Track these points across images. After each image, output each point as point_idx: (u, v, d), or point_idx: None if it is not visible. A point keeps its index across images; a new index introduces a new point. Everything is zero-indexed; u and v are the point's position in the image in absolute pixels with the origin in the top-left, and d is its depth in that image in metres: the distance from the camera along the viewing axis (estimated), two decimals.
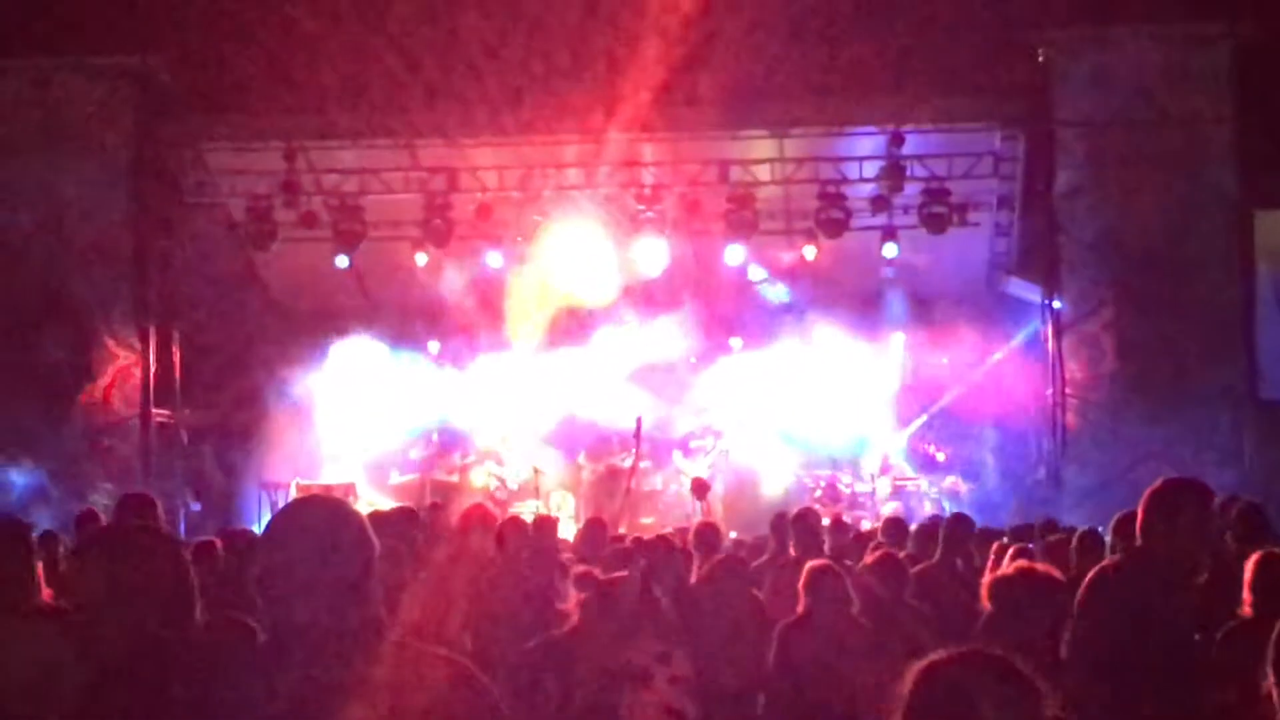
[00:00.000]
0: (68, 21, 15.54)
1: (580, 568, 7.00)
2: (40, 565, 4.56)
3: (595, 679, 5.67)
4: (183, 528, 15.86)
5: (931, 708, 2.41)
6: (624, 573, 6.38)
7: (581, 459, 18.18)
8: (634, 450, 16.82)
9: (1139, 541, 4.91)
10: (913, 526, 10.08)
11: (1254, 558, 5.29)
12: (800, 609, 6.55)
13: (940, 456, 17.81)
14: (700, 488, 16.43)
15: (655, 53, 15.27)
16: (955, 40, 15.47)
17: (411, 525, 8.45)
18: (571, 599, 6.31)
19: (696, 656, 6.14)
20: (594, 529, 9.40)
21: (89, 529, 8.78)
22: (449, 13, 15.72)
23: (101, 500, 14.67)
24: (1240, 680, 3.77)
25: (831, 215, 16.59)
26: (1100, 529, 8.30)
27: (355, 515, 2.95)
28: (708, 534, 8.63)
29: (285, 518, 2.99)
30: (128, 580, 3.07)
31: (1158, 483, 4.98)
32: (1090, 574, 5.02)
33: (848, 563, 7.63)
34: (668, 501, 17.67)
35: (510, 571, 7.42)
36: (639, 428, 16.72)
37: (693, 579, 7.59)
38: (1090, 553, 7.44)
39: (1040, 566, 5.43)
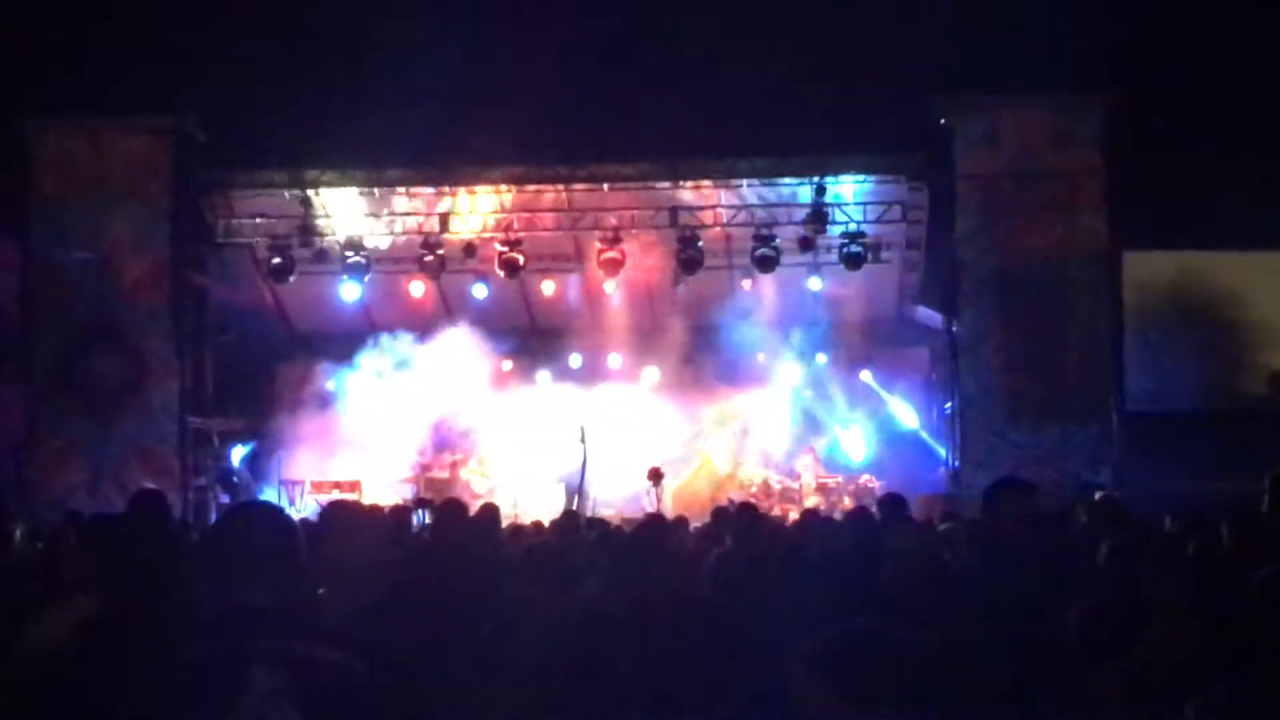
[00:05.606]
0: (118, 88, 16.79)
1: None
2: None
3: None
4: (213, 518, 16.80)
5: None
6: None
7: None
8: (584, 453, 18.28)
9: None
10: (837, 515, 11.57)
11: None
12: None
13: (856, 458, 19.30)
14: (655, 475, 18.33)
15: (618, 116, 16.80)
16: (870, 107, 16.53)
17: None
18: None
19: None
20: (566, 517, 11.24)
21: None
22: (438, 82, 16.38)
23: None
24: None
25: (765, 254, 17.99)
26: None
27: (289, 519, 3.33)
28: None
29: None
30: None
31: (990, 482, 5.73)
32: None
33: None
34: (625, 496, 19.20)
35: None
36: (583, 435, 18.26)
37: None
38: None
39: None
